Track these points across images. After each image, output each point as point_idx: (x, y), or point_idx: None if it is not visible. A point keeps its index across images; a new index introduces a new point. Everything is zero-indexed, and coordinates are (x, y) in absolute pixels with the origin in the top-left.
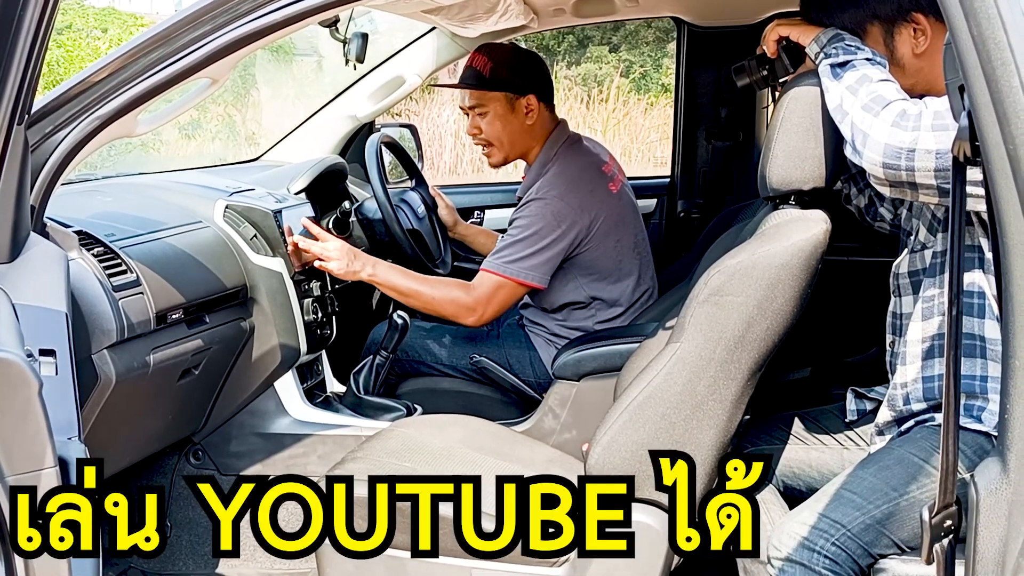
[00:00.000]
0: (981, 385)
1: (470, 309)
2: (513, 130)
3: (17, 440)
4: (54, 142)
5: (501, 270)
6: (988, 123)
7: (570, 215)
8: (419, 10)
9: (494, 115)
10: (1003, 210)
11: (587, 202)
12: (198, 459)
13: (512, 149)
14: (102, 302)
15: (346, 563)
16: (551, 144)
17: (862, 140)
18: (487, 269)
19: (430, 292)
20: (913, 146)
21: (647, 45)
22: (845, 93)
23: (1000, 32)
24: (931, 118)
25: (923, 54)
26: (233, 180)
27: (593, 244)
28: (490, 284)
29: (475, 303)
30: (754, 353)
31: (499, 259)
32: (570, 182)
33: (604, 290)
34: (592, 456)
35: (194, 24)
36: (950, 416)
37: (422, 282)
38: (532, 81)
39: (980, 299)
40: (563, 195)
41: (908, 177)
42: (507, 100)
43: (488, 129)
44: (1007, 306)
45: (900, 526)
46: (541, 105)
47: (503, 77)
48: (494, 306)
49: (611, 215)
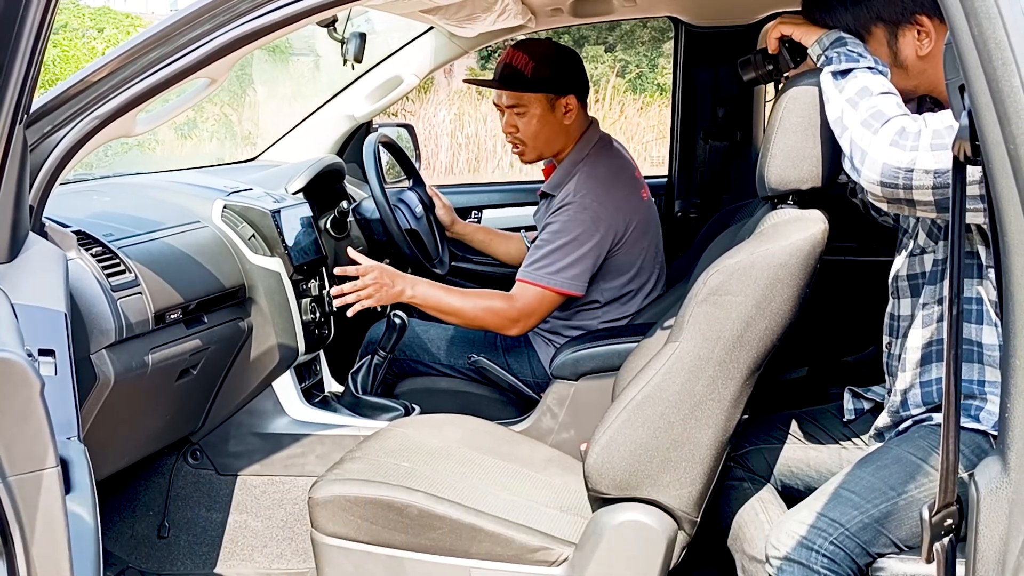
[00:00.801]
0: (979, 389)
1: (514, 321)
2: (551, 130)
3: (18, 440)
4: (53, 142)
5: (544, 281)
6: (989, 122)
7: (607, 218)
8: (417, 10)
9: (532, 115)
10: (1003, 209)
11: (623, 206)
12: (196, 459)
13: (547, 148)
14: (101, 302)
15: (345, 562)
16: (583, 144)
17: (860, 158)
18: (529, 280)
19: (472, 307)
20: (912, 166)
21: (643, 45)
22: (846, 107)
23: (1001, 32)
24: (930, 137)
25: (927, 56)
26: (231, 180)
27: (625, 248)
28: (533, 295)
29: (519, 314)
30: (753, 352)
31: (540, 269)
32: (605, 184)
33: (622, 293)
34: (591, 455)
35: (193, 24)
36: (950, 415)
37: (463, 297)
38: (573, 81)
39: (978, 305)
40: (600, 198)
41: (906, 195)
42: (548, 101)
43: (525, 129)
44: (1007, 305)
45: (898, 525)
46: (579, 105)
47: (545, 76)
48: (537, 316)
49: (642, 222)
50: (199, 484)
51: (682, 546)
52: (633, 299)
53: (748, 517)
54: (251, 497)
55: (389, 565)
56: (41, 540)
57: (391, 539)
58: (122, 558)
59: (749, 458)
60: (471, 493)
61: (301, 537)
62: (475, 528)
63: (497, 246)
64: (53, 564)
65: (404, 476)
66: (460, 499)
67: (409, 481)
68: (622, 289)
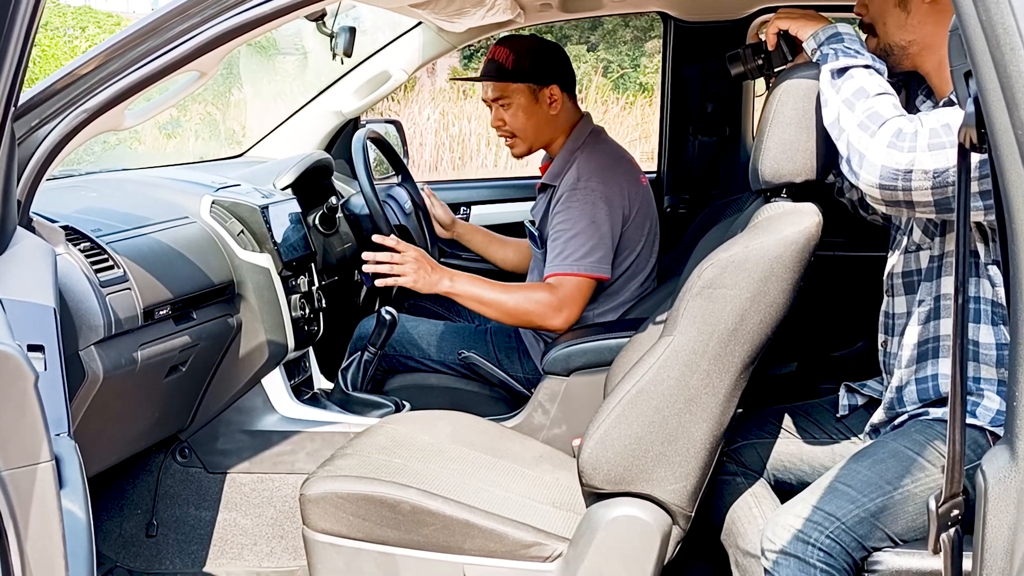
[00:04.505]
0: (975, 386)
1: (556, 309)
2: (538, 121)
3: (13, 434)
4: (40, 136)
5: (574, 268)
6: (996, 109)
7: (616, 199)
8: (405, 5)
9: (517, 106)
10: (1011, 195)
11: (626, 189)
12: (185, 457)
13: (537, 139)
14: (89, 298)
15: (336, 559)
16: (577, 135)
17: (859, 161)
18: (560, 272)
19: (515, 299)
20: (910, 167)
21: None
22: (842, 108)
23: (1009, 17)
24: (927, 137)
25: (934, 5)
26: (219, 176)
27: (628, 233)
28: (571, 285)
29: (560, 303)
30: (747, 346)
31: (567, 257)
32: (607, 167)
33: (616, 280)
34: (585, 450)
35: (182, 16)
36: (956, 406)
37: (503, 290)
38: (554, 71)
39: (975, 304)
40: (605, 180)
41: (905, 197)
42: (530, 91)
43: (512, 121)
44: (1015, 293)
45: (894, 519)
46: (564, 96)
47: (525, 68)
48: (578, 306)
49: (644, 206)
50: (188, 482)
51: (676, 541)
52: (626, 287)
53: (742, 512)
54: (240, 495)
55: (381, 562)
56: (35, 535)
57: (383, 536)
58: (110, 557)
59: (742, 453)
60: (463, 489)
61: (291, 535)
62: (468, 524)
63: (495, 250)
64: (47, 560)
65: (396, 472)
66: (453, 495)
67: (401, 477)
68: (618, 275)
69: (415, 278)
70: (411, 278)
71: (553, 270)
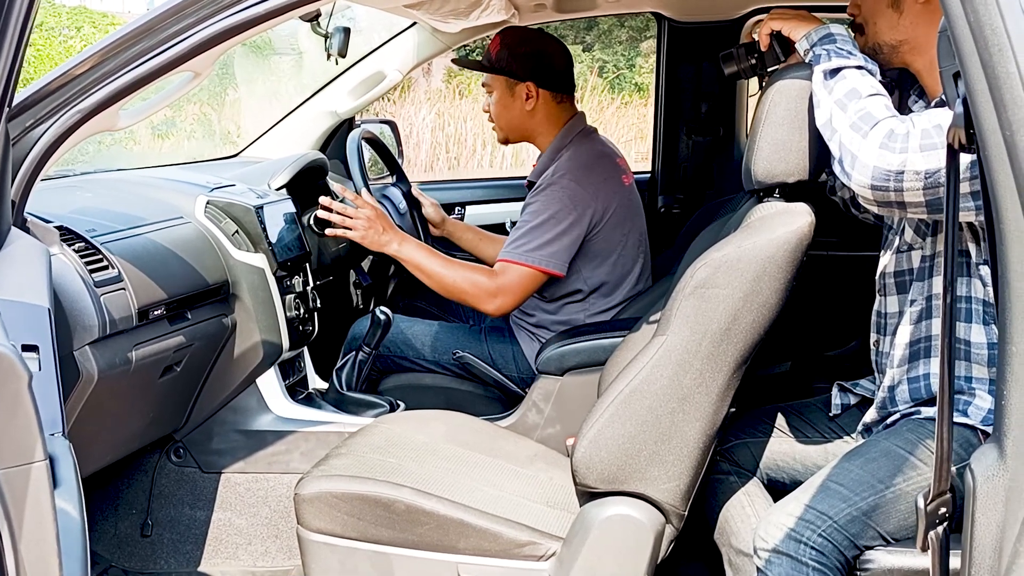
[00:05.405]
0: (967, 385)
1: (491, 294)
2: (512, 114)
3: (7, 434)
4: (35, 136)
5: (522, 258)
6: (985, 110)
7: (585, 199)
8: (400, 5)
9: (497, 96)
10: (999, 196)
11: (602, 189)
12: (180, 457)
13: (511, 132)
14: (83, 298)
15: (331, 559)
16: (564, 133)
17: (851, 162)
18: (507, 259)
19: (454, 276)
20: (902, 168)
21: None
22: (835, 109)
23: (997, 18)
24: (919, 138)
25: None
26: (213, 176)
27: (604, 233)
28: (513, 273)
29: (497, 290)
30: (740, 345)
31: (518, 247)
32: (585, 167)
33: (605, 282)
34: (579, 449)
35: (177, 17)
36: (944, 404)
37: (447, 264)
38: (531, 69)
39: (966, 303)
40: (579, 179)
41: (897, 198)
42: (507, 84)
43: (493, 109)
44: (1003, 293)
45: (886, 518)
46: (545, 93)
47: (503, 61)
48: (516, 295)
49: (622, 206)
50: (183, 482)
51: (670, 540)
52: (617, 288)
53: (735, 511)
54: (235, 495)
55: (376, 561)
56: (29, 536)
57: (378, 535)
58: (105, 557)
59: (735, 452)
60: (458, 488)
61: (286, 534)
62: (462, 523)
63: (485, 247)
64: (42, 560)
65: (390, 472)
66: (447, 494)
67: (395, 477)
68: (605, 277)
69: (363, 234)
70: (360, 233)
71: (502, 256)
